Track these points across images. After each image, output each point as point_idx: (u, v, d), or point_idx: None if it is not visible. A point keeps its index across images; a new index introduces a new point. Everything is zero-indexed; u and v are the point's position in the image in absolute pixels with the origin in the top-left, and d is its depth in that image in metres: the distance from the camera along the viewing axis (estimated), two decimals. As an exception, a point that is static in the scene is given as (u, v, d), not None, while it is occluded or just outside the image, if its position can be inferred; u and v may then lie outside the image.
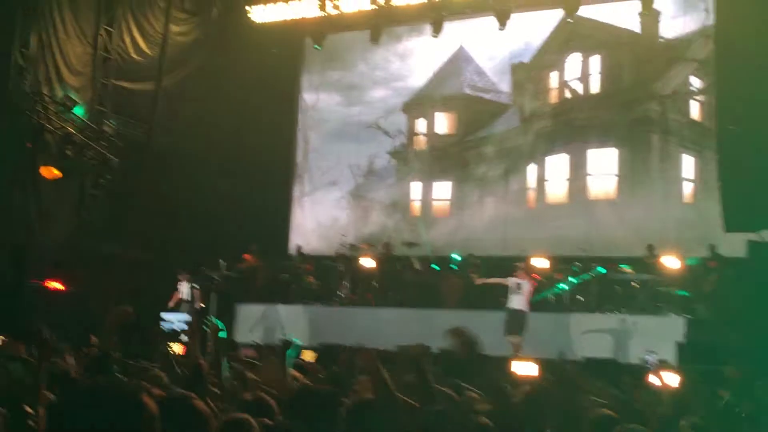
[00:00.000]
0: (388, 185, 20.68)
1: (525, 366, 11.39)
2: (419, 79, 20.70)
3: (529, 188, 19.26)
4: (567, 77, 19.23)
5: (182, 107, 19.04)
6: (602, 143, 18.47)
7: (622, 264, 15.87)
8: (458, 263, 17.63)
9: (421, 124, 20.83)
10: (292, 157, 21.59)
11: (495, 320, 14.32)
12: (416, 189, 20.38)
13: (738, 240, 14.52)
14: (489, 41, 19.55)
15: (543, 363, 11.32)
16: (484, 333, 13.05)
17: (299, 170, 21.59)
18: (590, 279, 15.80)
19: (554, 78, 19.41)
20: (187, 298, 17.11)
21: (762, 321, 12.13)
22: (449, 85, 20.51)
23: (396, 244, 18.48)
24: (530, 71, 19.55)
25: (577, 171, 18.64)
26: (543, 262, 15.84)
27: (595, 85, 18.90)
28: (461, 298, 16.52)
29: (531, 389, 6.31)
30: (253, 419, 3.75)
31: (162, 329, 15.15)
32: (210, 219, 18.38)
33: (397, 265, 18.01)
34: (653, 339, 13.65)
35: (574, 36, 18.85)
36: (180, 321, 15.96)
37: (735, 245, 14.60)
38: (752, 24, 15.24)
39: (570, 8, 17.98)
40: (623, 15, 18.42)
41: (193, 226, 18.10)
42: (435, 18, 19.00)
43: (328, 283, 18.23)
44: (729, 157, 15.55)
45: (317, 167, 21.38)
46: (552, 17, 18.85)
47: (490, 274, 15.94)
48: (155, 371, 5.48)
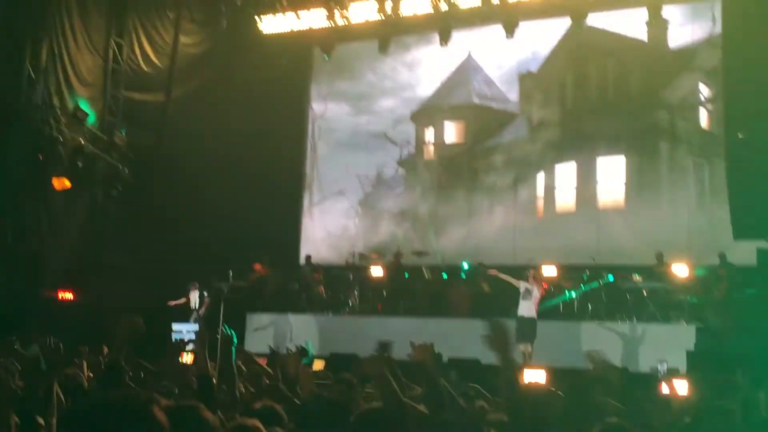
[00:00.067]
0: (397, 194, 20.71)
1: (536, 374, 11.38)
2: (428, 89, 20.73)
3: (538, 197, 19.26)
4: (574, 87, 19.25)
5: (192, 118, 19.10)
6: (611, 151, 18.47)
7: (632, 272, 15.85)
8: (467, 272, 17.64)
9: (430, 134, 20.85)
10: (302, 167, 21.64)
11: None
12: (426, 198, 20.40)
13: (747, 248, 14.48)
14: (497, 50, 19.59)
15: (554, 372, 11.31)
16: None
17: (308, 180, 21.64)
18: (600, 287, 15.78)
19: (561, 87, 19.45)
20: (197, 308, 17.17)
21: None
22: (457, 95, 20.54)
23: (405, 253, 18.49)
24: (538, 80, 19.58)
25: (586, 179, 18.63)
26: (552, 271, 15.84)
27: (604, 94, 18.90)
28: (471, 307, 16.52)
29: (542, 398, 6.30)
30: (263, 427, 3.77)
31: (172, 339, 15.21)
32: (220, 229, 18.42)
33: (407, 274, 18.03)
34: (663, 347, 13.62)
35: (582, 45, 18.86)
36: (189, 331, 16.01)
37: (744, 253, 14.56)
38: (760, 32, 15.24)
39: (578, 17, 18.00)
40: (631, 24, 18.44)
41: (203, 237, 18.14)
42: (443, 27, 19.03)
43: (338, 293, 18.26)
44: (737, 165, 15.53)
45: (326, 177, 21.43)
46: (560, 26, 18.87)
47: (499, 283, 15.95)
48: (165, 381, 5.52)
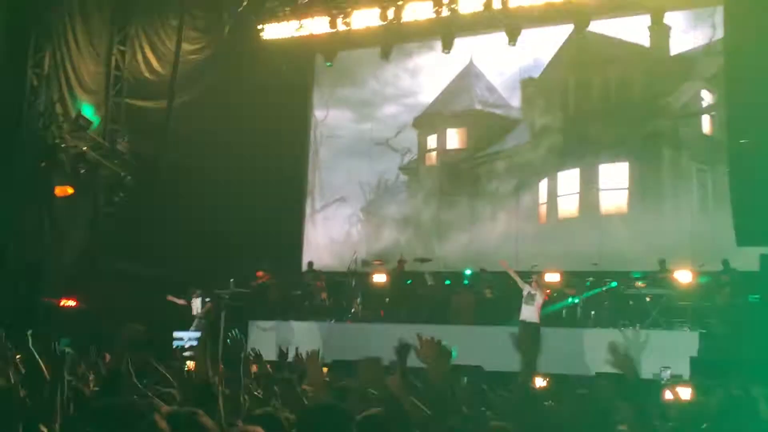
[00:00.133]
0: (400, 201, 20.72)
1: (539, 381, 11.37)
2: (430, 95, 20.75)
3: (541, 203, 19.25)
4: (576, 93, 19.26)
5: (194, 125, 19.11)
6: (613, 158, 18.46)
7: (635, 275, 15.85)
8: (470, 278, 17.63)
9: (432, 140, 20.85)
10: (304, 174, 21.66)
11: (507, 335, 14.25)
12: (428, 204, 20.40)
13: (751, 253, 14.45)
14: (499, 57, 19.62)
15: (556, 379, 11.30)
16: (497, 348, 13.09)
17: (311, 187, 21.66)
18: (603, 293, 15.77)
19: (564, 93, 19.46)
20: (199, 315, 17.16)
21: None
22: (460, 101, 20.55)
23: (408, 260, 18.48)
24: (540, 86, 19.58)
25: (589, 186, 18.62)
26: (555, 277, 15.85)
27: (606, 100, 18.90)
28: (473, 314, 16.50)
29: (545, 406, 6.29)
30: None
31: (174, 346, 15.21)
32: (223, 236, 18.44)
33: (409, 281, 18.02)
34: (667, 354, 13.59)
35: (584, 51, 18.87)
36: (191, 338, 16.01)
37: (748, 259, 14.54)
38: (761, 38, 15.22)
39: (580, 24, 18.00)
40: (633, 30, 18.45)
41: (206, 243, 18.15)
42: (445, 34, 19.06)
43: (341, 299, 18.25)
44: (740, 171, 15.49)
45: (329, 183, 21.44)
46: (562, 32, 18.87)
47: (502, 290, 15.96)
48: (167, 388, 5.50)
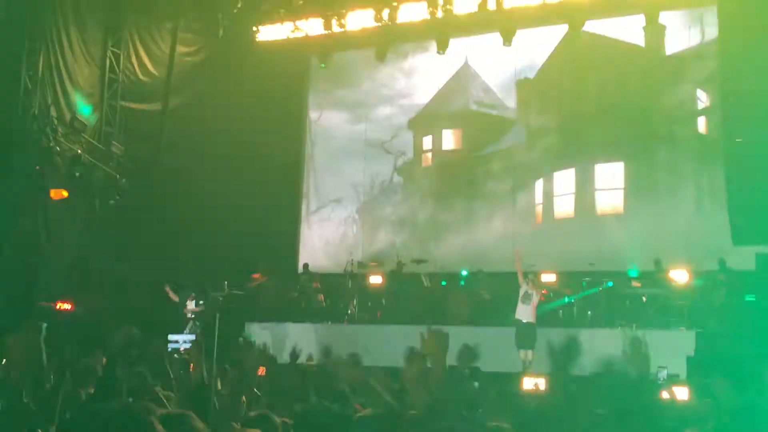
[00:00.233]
0: (396, 202, 20.71)
1: (536, 381, 11.37)
2: (425, 96, 20.75)
3: (537, 203, 19.27)
4: (572, 93, 19.28)
5: (190, 127, 19.09)
6: (609, 158, 18.48)
7: (631, 273, 15.86)
8: (467, 279, 17.63)
9: (428, 141, 20.86)
10: (300, 175, 21.65)
11: (504, 336, 14.28)
12: (424, 205, 20.39)
13: (747, 253, 14.47)
14: (494, 57, 19.61)
15: (551, 379, 11.28)
16: (494, 349, 13.09)
17: (306, 188, 21.65)
18: (600, 293, 15.78)
19: (559, 93, 19.48)
20: (194, 318, 17.12)
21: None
22: (455, 102, 20.56)
23: (405, 261, 18.48)
24: (536, 87, 19.59)
25: (585, 186, 18.64)
26: (552, 277, 15.87)
27: (601, 100, 18.91)
28: (470, 314, 16.49)
29: (542, 406, 6.27)
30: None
31: (168, 349, 15.17)
32: (218, 238, 18.41)
33: (406, 282, 18.01)
34: (663, 353, 13.58)
35: (580, 51, 18.88)
36: (186, 341, 15.98)
37: (744, 258, 14.56)
38: (756, 37, 15.26)
39: (575, 24, 18.01)
40: (628, 30, 18.46)
41: (202, 246, 18.12)
42: (440, 35, 19.05)
43: (337, 301, 18.24)
44: (736, 170, 15.54)
45: (324, 185, 21.43)
46: (557, 33, 18.88)
47: (499, 290, 15.98)
48: (162, 391, 5.49)
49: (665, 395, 10.02)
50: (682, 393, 10.16)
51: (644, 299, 15.54)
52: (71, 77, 17.05)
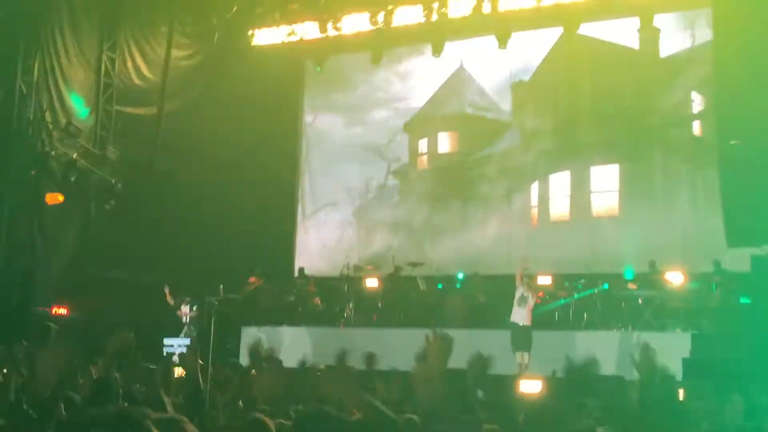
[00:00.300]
0: (391, 205, 20.71)
1: (532, 384, 11.36)
2: (420, 99, 20.75)
3: (533, 206, 19.28)
4: (567, 96, 19.30)
5: (185, 131, 19.09)
6: (604, 160, 18.50)
7: (627, 275, 15.88)
8: (463, 282, 17.64)
9: (423, 144, 20.86)
10: (296, 179, 21.64)
11: (500, 339, 14.28)
12: (420, 208, 20.39)
13: (742, 254, 14.48)
14: (489, 60, 19.61)
15: (547, 381, 11.29)
16: (490, 352, 13.08)
17: (302, 192, 21.63)
18: (595, 295, 15.79)
19: (554, 96, 19.50)
20: (189, 323, 17.12)
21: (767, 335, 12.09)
22: (450, 105, 20.57)
23: (401, 264, 18.47)
24: (531, 90, 19.60)
25: (580, 188, 18.65)
26: (547, 280, 15.87)
27: (596, 103, 18.93)
28: (466, 317, 16.49)
29: (536, 408, 6.29)
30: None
31: (164, 353, 15.20)
32: (214, 241, 18.40)
33: (402, 285, 18.00)
34: (659, 355, 13.57)
35: (574, 54, 18.89)
36: (181, 345, 15.99)
37: (739, 260, 14.57)
38: (750, 39, 15.29)
39: (570, 27, 18.03)
40: (623, 32, 18.48)
41: (198, 250, 18.11)
42: (435, 38, 19.07)
43: (333, 305, 18.22)
44: (731, 172, 15.56)
45: (320, 188, 21.42)
46: (552, 36, 18.90)
47: (495, 293, 16.00)
48: (158, 396, 5.49)
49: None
50: (678, 395, 10.18)
51: (640, 301, 15.55)
52: (67, 82, 17.06)
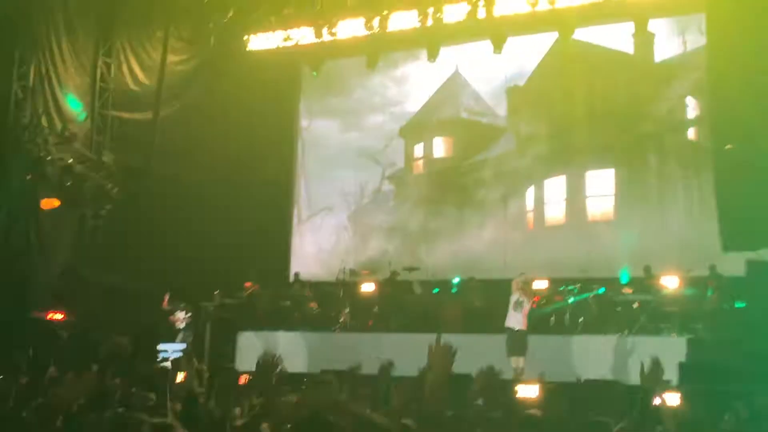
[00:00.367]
0: (387, 210, 20.72)
1: (529, 389, 11.37)
2: (416, 104, 20.77)
3: (528, 211, 19.30)
4: (562, 100, 19.33)
5: (181, 136, 19.08)
6: (599, 165, 18.53)
7: (623, 279, 15.90)
8: (459, 287, 17.64)
9: (419, 149, 20.89)
10: (291, 183, 21.63)
11: (496, 343, 14.27)
12: (415, 213, 20.40)
13: (737, 259, 14.51)
14: (484, 65, 19.63)
15: (544, 386, 11.31)
16: (485, 356, 13.09)
17: (298, 196, 21.63)
18: (590, 300, 15.79)
19: (549, 101, 19.54)
20: (184, 327, 17.09)
21: (763, 339, 12.11)
22: (446, 110, 20.59)
23: (397, 269, 18.47)
24: (526, 94, 19.63)
25: (575, 193, 18.69)
26: (543, 284, 15.89)
27: (591, 107, 18.96)
28: (462, 322, 16.49)
29: (534, 413, 6.29)
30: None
31: (158, 359, 15.17)
32: (210, 246, 18.38)
33: (398, 290, 18.00)
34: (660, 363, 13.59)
35: (569, 59, 18.92)
36: (176, 351, 15.97)
37: (734, 264, 14.58)
38: (744, 44, 15.32)
39: (565, 32, 18.06)
40: (617, 37, 18.53)
41: (194, 254, 18.09)
42: (430, 43, 19.09)
43: (329, 309, 18.21)
44: (725, 177, 15.56)
45: (316, 193, 21.42)
46: (547, 40, 18.93)
47: (491, 297, 16.00)
48: (153, 401, 5.49)
49: (656, 401, 10.07)
50: (674, 399, 10.19)
51: (635, 305, 15.55)
52: (62, 87, 17.05)
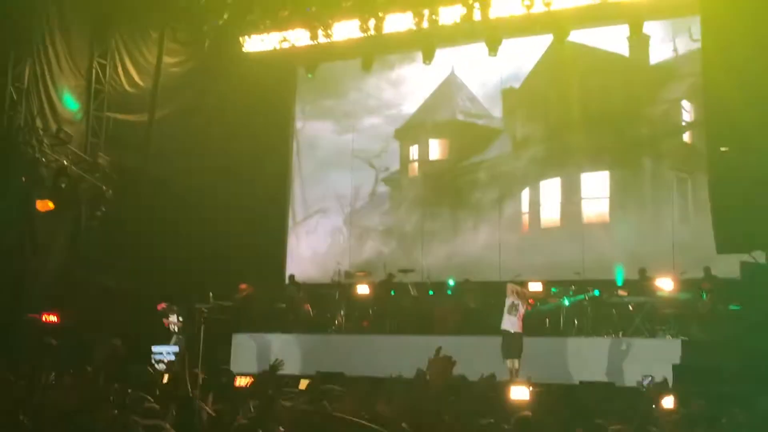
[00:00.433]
0: (382, 212, 20.73)
1: (522, 391, 11.40)
2: (411, 106, 20.79)
3: (523, 213, 19.33)
4: (557, 103, 19.35)
5: (176, 138, 19.05)
6: (595, 167, 18.56)
7: (618, 281, 15.92)
8: (454, 289, 17.64)
9: (414, 151, 20.90)
10: (287, 186, 21.64)
11: (491, 345, 14.28)
12: (411, 215, 20.41)
13: (731, 261, 14.53)
14: (480, 67, 19.66)
15: (538, 388, 11.34)
16: (480, 358, 13.13)
17: (293, 199, 21.63)
18: (586, 302, 15.81)
19: (545, 103, 19.56)
20: (178, 330, 17.08)
21: (757, 341, 12.13)
22: (441, 112, 20.61)
23: (392, 271, 18.47)
24: (521, 96, 19.66)
25: (570, 195, 18.71)
26: (538, 286, 15.89)
27: (586, 110, 18.98)
28: (457, 324, 16.50)
29: (527, 415, 6.31)
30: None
31: (153, 361, 15.16)
32: (205, 249, 18.36)
33: (393, 291, 18.00)
34: (650, 361, 13.63)
35: (565, 61, 18.94)
36: (169, 353, 15.95)
37: (728, 266, 14.61)
38: (739, 46, 15.34)
39: (560, 34, 18.07)
40: (613, 40, 18.56)
41: (189, 256, 18.07)
42: (426, 45, 19.10)
43: (324, 311, 18.21)
44: (720, 179, 15.56)
45: (311, 195, 21.43)
46: (542, 43, 18.95)
47: (486, 299, 16.02)
48: (146, 403, 5.48)
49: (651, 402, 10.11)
50: (669, 401, 10.22)
51: (631, 308, 15.59)
52: (58, 88, 17.02)
